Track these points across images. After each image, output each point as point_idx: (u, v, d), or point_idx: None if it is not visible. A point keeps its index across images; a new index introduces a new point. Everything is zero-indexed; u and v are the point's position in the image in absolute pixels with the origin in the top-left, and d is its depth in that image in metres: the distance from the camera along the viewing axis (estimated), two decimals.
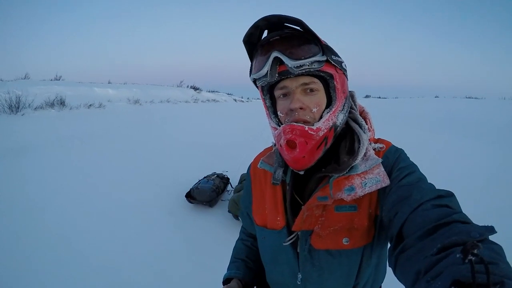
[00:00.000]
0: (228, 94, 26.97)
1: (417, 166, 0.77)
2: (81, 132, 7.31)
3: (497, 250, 0.47)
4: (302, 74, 0.76)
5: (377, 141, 0.86)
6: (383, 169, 0.76)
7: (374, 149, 0.82)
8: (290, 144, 0.77)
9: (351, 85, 0.90)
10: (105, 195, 4.10)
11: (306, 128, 0.75)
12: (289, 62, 0.73)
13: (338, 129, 0.80)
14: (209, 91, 24.00)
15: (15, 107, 8.42)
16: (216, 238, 3.26)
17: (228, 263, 1.09)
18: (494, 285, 0.36)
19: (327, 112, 0.77)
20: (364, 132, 0.82)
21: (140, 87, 16.86)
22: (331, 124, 0.77)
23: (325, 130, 0.76)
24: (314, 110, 0.77)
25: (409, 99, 25.63)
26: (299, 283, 0.84)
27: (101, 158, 5.55)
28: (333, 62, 0.77)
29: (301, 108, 0.77)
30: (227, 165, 5.13)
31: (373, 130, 0.88)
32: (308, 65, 0.73)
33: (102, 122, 9.15)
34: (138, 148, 6.39)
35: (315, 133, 0.75)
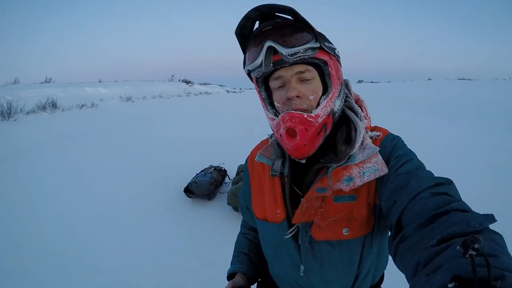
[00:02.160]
0: (220, 85, 26.90)
1: (414, 154, 0.77)
2: (75, 133, 7.31)
3: (498, 240, 0.46)
4: (297, 63, 0.75)
5: (374, 129, 0.86)
6: (381, 158, 0.75)
7: (371, 137, 0.82)
8: (290, 133, 0.76)
9: (344, 71, 0.88)
10: (103, 193, 4.11)
11: (305, 116, 0.74)
12: (284, 50, 0.72)
13: (336, 115, 0.80)
14: (201, 84, 23.92)
15: (6, 113, 8.32)
16: (217, 231, 3.27)
17: (231, 258, 1.09)
18: (495, 279, 0.36)
19: (324, 99, 0.77)
20: (360, 120, 0.81)
21: (132, 84, 16.74)
22: (329, 110, 0.77)
23: (324, 117, 0.76)
24: (311, 97, 0.76)
25: (402, 82, 25.68)
26: (302, 274, 0.85)
27: (96, 158, 5.56)
28: (326, 49, 0.76)
29: (298, 97, 0.76)
30: (224, 157, 5.14)
31: (369, 118, 0.88)
32: (302, 52, 0.73)
33: (95, 121, 9.12)
34: (132, 146, 6.38)
35: (314, 120, 0.74)
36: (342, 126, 0.83)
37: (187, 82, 22.21)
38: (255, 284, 1.09)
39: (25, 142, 6.31)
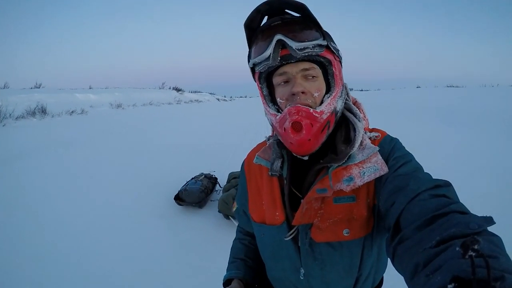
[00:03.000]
0: (211, 93, 27.01)
1: (412, 156, 0.77)
2: (65, 139, 7.26)
3: (497, 242, 0.46)
4: (303, 60, 0.75)
5: (372, 130, 0.86)
6: (380, 157, 0.76)
7: (370, 138, 0.82)
8: (296, 126, 0.75)
9: None
10: (92, 200, 4.08)
11: (311, 110, 0.73)
12: (293, 44, 0.72)
13: (338, 114, 0.81)
14: (191, 92, 23.98)
15: None
16: (208, 239, 3.24)
17: (227, 264, 1.07)
18: (495, 280, 0.36)
19: (328, 97, 0.77)
20: (359, 120, 0.82)
21: (122, 91, 16.71)
22: (332, 108, 0.77)
23: (328, 114, 0.76)
24: (316, 94, 0.77)
25: (391, 90, 25.87)
26: (302, 278, 0.83)
27: (85, 164, 5.54)
28: (332, 49, 0.78)
29: (303, 93, 0.76)
30: (214, 165, 5.13)
31: (366, 119, 0.89)
32: (311, 48, 0.73)
33: (85, 128, 9.06)
34: (122, 153, 6.36)
35: (319, 115, 0.74)
36: (341, 127, 0.83)
37: (177, 90, 22.25)
38: None
39: (15, 147, 6.29)
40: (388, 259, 0.77)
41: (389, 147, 0.79)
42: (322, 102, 0.77)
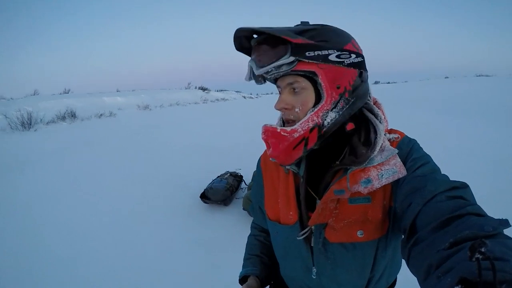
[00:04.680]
0: (236, 91, 26.83)
1: (430, 157, 0.75)
2: (94, 141, 7.47)
3: (510, 245, 0.44)
4: (288, 74, 0.74)
5: (391, 131, 0.83)
6: (399, 160, 0.74)
7: (389, 140, 0.80)
8: (266, 143, 0.81)
9: None
10: (120, 198, 4.18)
11: (279, 130, 0.75)
12: (256, 71, 0.75)
13: (326, 129, 0.75)
14: (217, 91, 23.96)
15: (27, 123, 8.55)
16: (233, 237, 3.24)
17: (243, 261, 1.08)
18: (500, 283, 0.36)
19: (310, 112, 0.74)
20: (380, 122, 0.79)
21: (149, 93, 16.94)
22: (311, 125, 0.73)
23: (302, 132, 0.73)
24: (297, 110, 0.76)
25: (419, 82, 25.22)
26: (314, 277, 0.84)
27: (114, 165, 5.64)
28: (308, 60, 0.70)
29: (286, 109, 0.77)
30: (240, 163, 5.06)
31: (386, 120, 0.84)
32: (276, 70, 0.73)
33: (113, 129, 9.23)
34: (149, 152, 6.44)
35: (288, 134, 0.74)
36: (361, 128, 0.80)
37: (203, 89, 22.27)
38: (267, 287, 1.07)
39: (48, 147, 6.59)
40: (403, 260, 0.72)
41: (407, 149, 0.77)
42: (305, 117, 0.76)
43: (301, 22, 0.77)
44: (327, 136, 0.77)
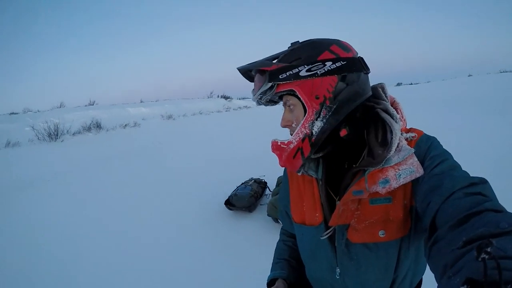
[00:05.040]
0: None
1: (450, 154, 0.74)
2: (118, 152, 7.59)
3: None
4: (282, 95, 0.82)
5: (409, 130, 0.82)
6: (416, 159, 0.73)
7: (406, 139, 0.78)
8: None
9: (380, 76, 0.61)
10: (146, 207, 4.22)
11: (279, 143, 0.82)
12: (252, 99, 0.87)
13: (315, 138, 0.78)
14: (239, 98, 24.03)
15: (54, 134, 8.71)
16: (258, 243, 3.19)
17: (271, 265, 1.09)
18: (506, 283, 0.35)
19: (299, 126, 0.78)
20: (396, 122, 0.77)
21: (172, 102, 17.17)
22: (301, 136, 0.78)
23: (296, 143, 0.79)
24: (294, 125, 0.82)
25: (442, 81, 24.80)
26: (337, 277, 0.84)
27: (138, 174, 5.74)
28: (283, 82, 0.77)
29: (287, 126, 0.84)
30: (263, 170, 5.00)
31: (404, 120, 0.84)
32: (263, 96, 0.81)
33: (137, 139, 9.34)
34: (173, 161, 6.50)
35: (286, 146, 0.80)
36: (378, 129, 0.81)
37: (226, 97, 22.40)
38: None
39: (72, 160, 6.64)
40: None
41: (426, 147, 0.76)
42: None
43: (291, 43, 0.82)
44: (320, 144, 0.79)
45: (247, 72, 0.88)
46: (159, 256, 3.07)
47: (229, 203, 3.87)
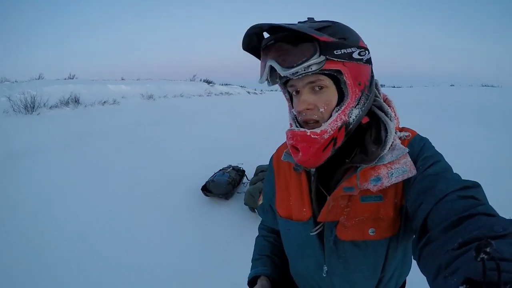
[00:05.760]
0: (241, 86, 26.73)
1: (442, 156, 0.74)
2: (95, 130, 7.44)
3: None
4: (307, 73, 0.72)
5: (402, 129, 0.83)
6: (409, 159, 0.73)
7: (400, 138, 0.79)
8: (294, 148, 0.78)
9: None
10: (119, 193, 4.10)
11: (308, 133, 0.73)
12: (282, 72, 0.71)
13: (352, 126, 0.76)
14: (222, 84, 23.87)
15: (30, 107, 8.50)
16: (233, 231, 3.24)
17: (251, 261, 1.06)
18: (505, 284, 0.35)
19: (336, 111, 0.74)
20: (390, 120, 0.78)
21: (153, 83, 16.85)
22: (339, 124, 0.74)
23: (332, 132, 0.73)
24: (322, 110, 0.74)
25: (424, 88, 25.31)
26: (324, 275, 0.83)
27: (115, 155, 5.58)
28: (336, 59, 0.70)
29: (308, 109, 0.75)
30: (242, 158, 5.07)
31: (397, 118, 0.83)
32: (304, 70, 0.70)
33: (116, 119, 9.20)
34: (151, 144, 6.41)
35: (318, 136, 0.73)
36: (372, 126, 0.80)
37: (208, 82, 22.19)
38: None
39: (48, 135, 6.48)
40: (413, 262, 0.74)
41: (419, 147, 0.76)
42: (330, 116, 0.74)
43: (308, 18, 0.76)
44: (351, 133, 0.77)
45: (256, 35, 0.77)
46: (132, 242, 3.05)
47: (206, 189, 3.88)
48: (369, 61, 0.77)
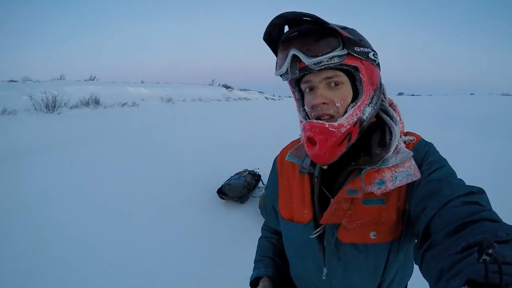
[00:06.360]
0: (259, 92, 26.79)
1: (446, 161, 0.74)
2: (115, 130, 7.53)
3: None
4: (325, 68, 0.73)
5: (407, 134, 0.83)
6: (414, 163, 0.73)
7: (405, 142, 0.79)
8: (311, 141, 0.78)
9: (383, 82, 0.86)
10: (137, 192, 4.12)
11: (327, 125, 0.73)
12: (306, 60, 0.71)
13: (365, 123, 0.77)
14: (240, 90, 23.97)
15: (51, 106, 8.66)
16: (247, 234, 3.17)
17: (254, 263, 1.06)
18: (506, 286, 0.35)
19: (352, 107, 0.74)
20: (395, 124, 0.79)
21: (173, 86, 17.08)
22: (355, 119, 0.74)
23: (348, 126, 0.74)
24: (338, 104, 0.74)
25: (443, 96, 24.96)
26: (324, 278, 0.82)
27: (132, 155, 5.62)
28: (356, 55, 0.72)
29: (324, 103, 0.75)
30: (259, 163, 4.97)
31: (402, 122, 0.84)
32: (327, 61, 0.70)
33: (134, 119, 9.30)
34: (170, 146, 6.42)
35: (336, 129, 0.73)
36: (377, 130, 0.81)
37: (227, 87, 22.32)
38: None
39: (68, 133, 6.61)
40: (415, 266, 0.76)
41: (423, 151, 0.76)
42: (346, 112, 0.75)
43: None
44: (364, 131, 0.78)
45: (279, 27, 0.77)
46: (145, 242, 3.04)
47: (221, 192, 3.87)
48: (379, 65, 0.80)
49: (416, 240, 0.65)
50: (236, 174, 4.34)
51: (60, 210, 3.50)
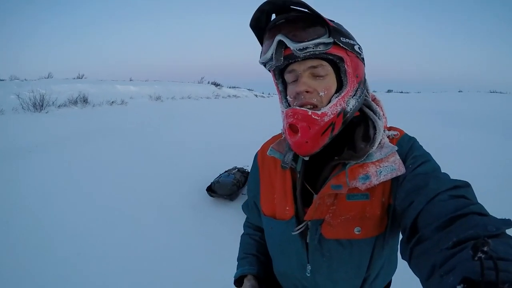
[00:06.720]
0: (249, 89, 26.79)
1: (431, 155, 0.75)
2: (103, 129, 7.50)
3: None
4: (310, 57, 0.73)
5: (390, 128, 0.83)
6: (398, 157, 0.74)
7: (388, 137, 0.80)
8: (293, 128, 0.76)
9: (373, 80, 0.87)
10: (125, 189, 4.14)
11: (310, 113, 0.72)
12: (292, 45, 0.70)
13: (348, 115, 0.76)
14: (230, 87, 23.94)
15: (39, 105, 8.57)
16: (236, 232, 3.14)
17: (237, 259, 1.05)
18: (503, 283, 0.35)
19: (336, 97, 0.74)
20: (379, 118, 0.79)
21: (162, 84, 16.97)
22: (339, 109, 0.74)
23: (332, 116, 0.73)
24: (322, 94, 0.74)
25: (432, 93, 25.23)
26: (308, 274, 0.81)
27: (122, 154, 5.61)
28: (342, 45, 0.72)
29: (307, 92, 0.74)
30: (248, 160, 4.99)
31: (385, 117, 0.84)
32: (313, 48, 0.70)
33: (123, 118, 9.24)
34: (159, 144, 6.43)
35: (319, 118, 0.72)
36: (360, 124, 0.81)
37: (216, 84, 22.28)
38: None
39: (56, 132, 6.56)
40: (398, 262, 0.78)
41: (408, 146, 0.76)
42: (329, 102, 0.74)
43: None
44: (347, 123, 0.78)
45: (266, 14, 0.76)
46: (135, 241, 3.06)
47: (211, 190, 3.91)
48: (363, 60, 0.81)
49: (402, 235, 0.66)
50: (226, 171, 4.38)
51: (56, 211, 3.49)
